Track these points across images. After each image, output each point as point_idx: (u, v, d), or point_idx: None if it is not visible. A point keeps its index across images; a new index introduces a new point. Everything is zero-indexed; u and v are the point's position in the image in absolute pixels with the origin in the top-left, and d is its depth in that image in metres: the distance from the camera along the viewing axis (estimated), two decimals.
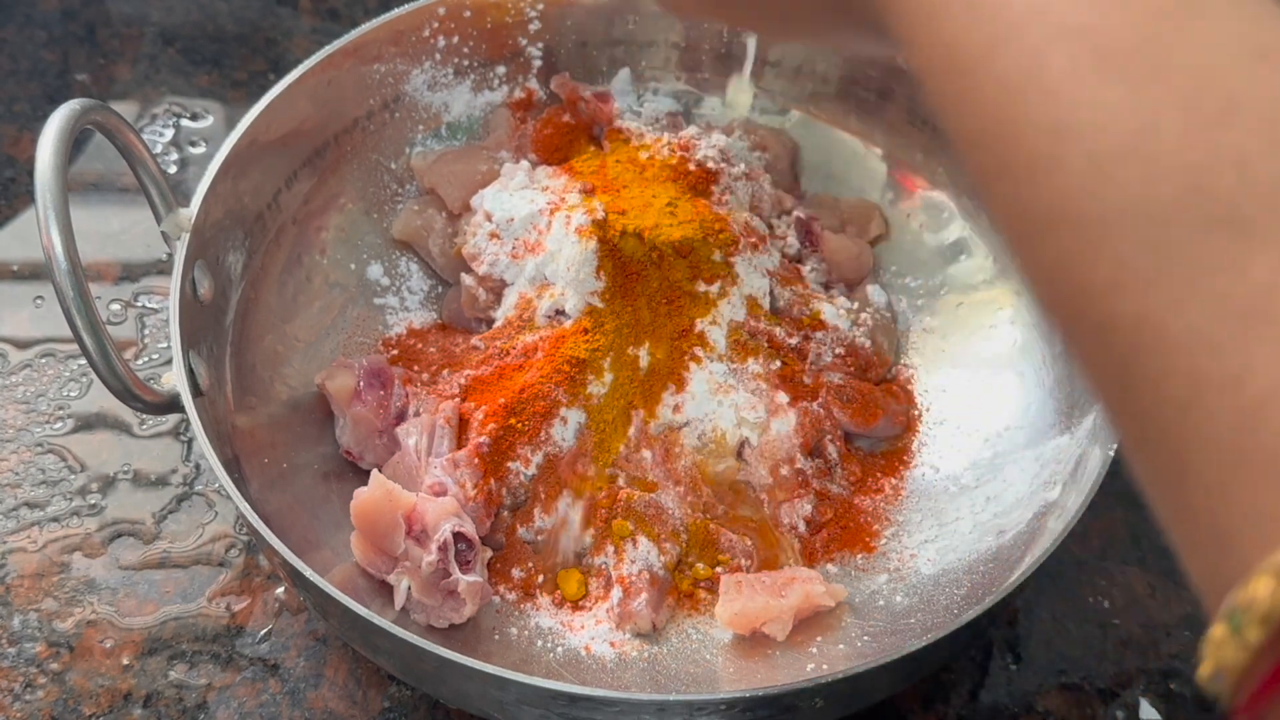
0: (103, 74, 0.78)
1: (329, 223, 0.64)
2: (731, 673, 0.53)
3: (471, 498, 0.54)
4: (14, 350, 0.65)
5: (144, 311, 0.67)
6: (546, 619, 0.54)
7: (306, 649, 0.56)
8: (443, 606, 0.52)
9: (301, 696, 0.54)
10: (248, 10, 0.82)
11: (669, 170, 0.61)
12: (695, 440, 0.58)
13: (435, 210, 0.65)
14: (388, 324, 0.64)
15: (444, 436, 0.55)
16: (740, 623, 0.53)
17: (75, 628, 0.56)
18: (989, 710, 0.56)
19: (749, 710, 0.44)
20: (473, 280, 0.62)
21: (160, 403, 0.50)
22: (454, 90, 0.67)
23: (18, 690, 0.54)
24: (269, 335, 0.60)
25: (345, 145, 0.65)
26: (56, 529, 0.59)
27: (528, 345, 0.57)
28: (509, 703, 0.46)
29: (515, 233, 0.61)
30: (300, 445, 0.58)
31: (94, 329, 0.46)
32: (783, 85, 0.70)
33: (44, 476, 0.61)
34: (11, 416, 0.63)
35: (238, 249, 0.58)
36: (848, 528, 0.58)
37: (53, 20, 0.80)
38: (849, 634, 0.54)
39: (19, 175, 0.72)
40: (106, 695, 0.54)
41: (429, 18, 0.65)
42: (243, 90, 0.77)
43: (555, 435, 0.56)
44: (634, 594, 0.54)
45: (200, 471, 0.61)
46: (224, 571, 0.58)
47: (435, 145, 0.67)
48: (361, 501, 0.52)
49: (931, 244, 0.67)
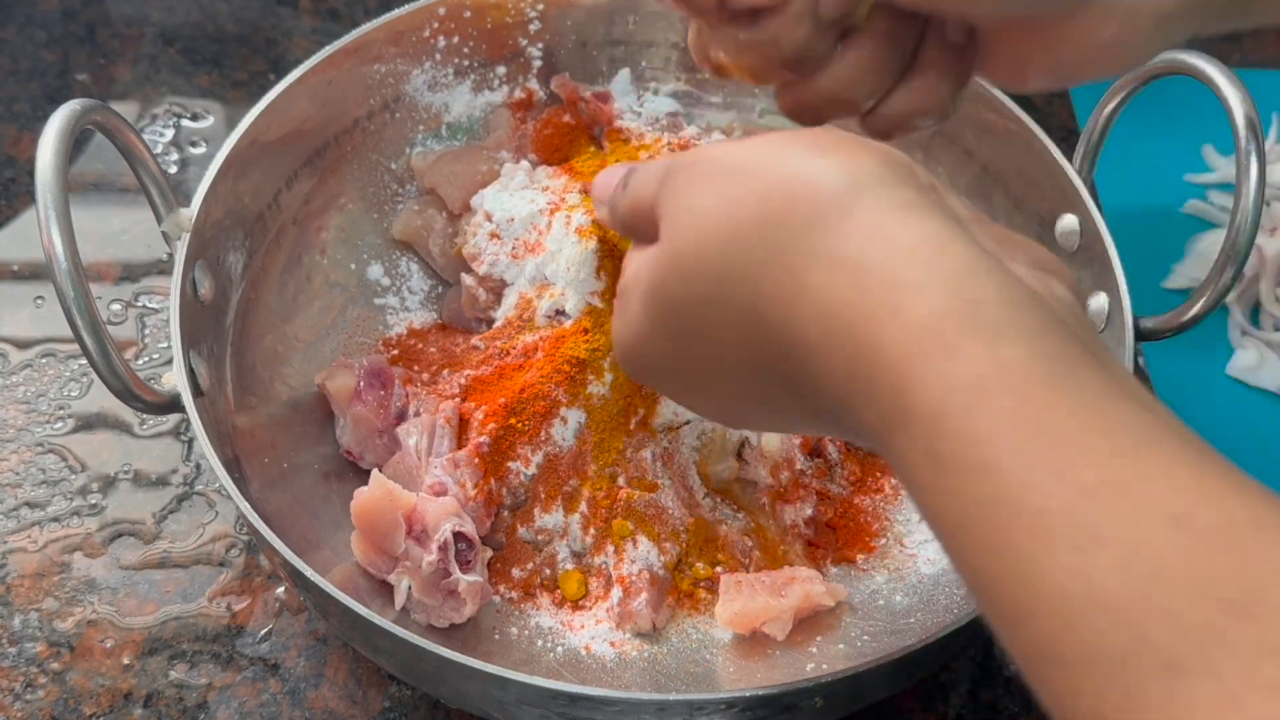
0: (103, 74, 0.78)
1: (329, 223, 0.64)
2: (731, 672, 0.53)
3: (472, 498, 0.54)
4: (14, 350, 0.65)
5: (144, 311, 0.67)
6: (546, 619, 0.54)
7: (307, 649, 0.56)
8: (443, 606, 0.52)
9: (302, 696, 0.55)
10: (248, 10, 0.82)
11: None
12: (695, 440, 0.58)
13: (435, 210, 0.65)
14: (388, 324, 0.64)
15: (444, 436, 0.56)
16: (740, 622, 0.53)
17: (75, 627, 0.56)
18: (989, 710, 0.56)
19: (749, 710, 0.44)
20: (473, 280, 0.62)
21: (160, 403, 0.50)
22: (454, 90, 0.67)
23: (18, 690, 0.54)
24: (269, 335, 0.60)
25: (345, 145, 0.65)
26: (57, 529, 0.59)
27: (528, 345, 0.57)
28: (509, 702, 0.46)
29: (515, 233, 0.61)
30: (300, 445, 0.58)
31: (94, 329, 0.46)
32: None
33: (44, 476, 0.61)
34: (12, 416, 0.63)
35: (238, 249, 0.58)
36: (848, 528, 0.58)
37: (53, 20, 0.80)
38: (849, 634, 0.54)
39: (19, 175, 0.72)
40: (107, 695, 0.54)
41: (429, 18, 0.65)
42: (243, 90, 0.77)
43: (555, 435, 0.56)
44: (634, 594, 0.54)
45: (200, 471, 0.61)
46: (224, 571, 0.58)
47: (435, 145, 0.67)
48: (362, 501, 0.52)
49: None
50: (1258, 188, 0.53)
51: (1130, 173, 0.77)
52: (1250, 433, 0.67)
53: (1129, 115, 0.60)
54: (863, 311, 0.31)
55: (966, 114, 0.65)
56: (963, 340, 0.29)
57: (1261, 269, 0.71)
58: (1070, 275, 0.35)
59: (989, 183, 0.65)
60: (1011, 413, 0.27)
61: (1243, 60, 0.86)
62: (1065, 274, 0.35)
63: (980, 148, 0.65)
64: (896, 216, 0.32)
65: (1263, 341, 0.70)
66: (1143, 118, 0.72)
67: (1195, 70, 0.54)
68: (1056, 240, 0.61)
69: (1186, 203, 0.76)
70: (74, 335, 0.46)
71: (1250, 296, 0.71)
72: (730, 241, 0.34)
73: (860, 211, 0.32)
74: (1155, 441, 0.27)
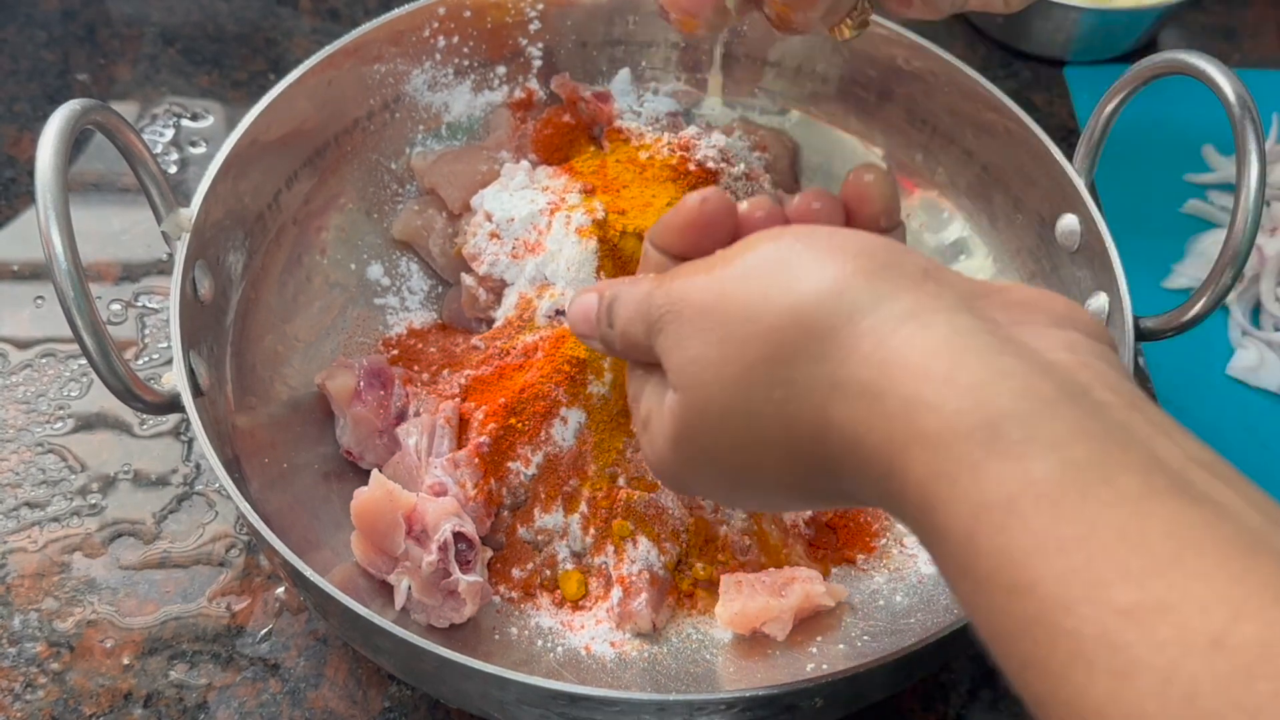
0: (103, 74, 0.78)
1: (329, 223, 0.64)
2: (731, 673, 0.53)
3: (472, 498, 0.54)
4: (14, 350, 0.65)
5: (144, 311, 0.67)
6: (546, 619, 0.54)
7: (307, 649, 0.56)
8: (443, 606, 0.52)
9: (302, 696, 0.55)
10: (248, 10, 0.82)
11: (669, 170, 0.61)
12: None
13: (435, 210, 0.65)
14: (388, 324, 0.64)
15: (444, 436, 0.56)
16: (740, 623, 0.53)
17: (75, 628, 0.56)
18: (989, 710, 0.56)
19: (749, 710, 0.44)
20: (473, 280, 0.62)
21: (160, 403, 0.50)
22: (454, 90, 0.67)
23: (18, 690, 0.54)
24: (269, 335, 0.60)
25: (345, 145, 0.65)
26: (57, 529, 0.59)
27: (528, 345, 0.57)
28: (509, 702, 0.46)
29: (515, 233, 0.61)
30: (300, 445, 0.58)
31: (94, 329, 0.46)
32: (783, 85, 0.70)
33: (44, 476, 0.61)
34: (12, 416, 0.63)
35: (238, 249, 0.58)
36: (848, 528, 0.58)
37: (53, 20, 0.80)
38: (849, 634, 0.54)
39: (19, 175, 0.72)
40: (107, 695, 0.54)
41: (429, 18, 0.65)
42: (243, 90, 0.77)
43: (555, 435, 0.56)
44: (634, 594, 0.54)
45: (200, 471, 0.61)
46: (224, 571, 0.58)
47: (435, 145, 0.67)
48: (362, 501, 0.52)
49: (931, 244, 0.67)
50: (1258, 188, 0.53)
51: (1130, 173, 0.77)
52: (1250, 433, 0.67)
53: (1129, 115, 0.60)
54: (886, 437, 0.30)
55: (966, 114, 0.65)
56: (988, 459, 0.28)
57: (1262, 269, 0.71)
58: (1090, 321, 0.34)
59: (989, 183, 0.65)
60: (1044, 532, 0.27)
61: (1243, 60, 0.86)
62: (1085, 321, 0.34)
63: (980, 148, 0.65)
64: (903, 336, 0.31)
65: (1263, 341, 0.70)
66: (1143, 118, 0.72)
67: (1195, 70, 0.54)
68: (1057, 240, 0.61)
69: (1186, 203, 0.76)
70: (74, 335, 0.46)
71: (1250, 296, 0.71)
72: (746, 387, 0.34)
73: (865, 338, 0.32)
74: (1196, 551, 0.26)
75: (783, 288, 0.34)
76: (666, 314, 0.37)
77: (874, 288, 0.32)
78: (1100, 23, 0.81)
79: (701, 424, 0.36)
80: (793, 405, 0.33)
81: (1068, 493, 0.27)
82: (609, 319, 0.40)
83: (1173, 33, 0.87)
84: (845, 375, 0.32)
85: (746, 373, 0.34)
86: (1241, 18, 0.89)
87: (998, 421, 0.28)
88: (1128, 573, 0.26)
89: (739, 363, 0.34)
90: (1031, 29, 0.82)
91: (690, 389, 0.36)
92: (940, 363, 0.30)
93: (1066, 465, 0.27)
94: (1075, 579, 0.26)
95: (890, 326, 0.31)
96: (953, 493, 0.29)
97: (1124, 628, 0.25)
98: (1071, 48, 0.83)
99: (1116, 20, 0.81)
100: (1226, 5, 0.90)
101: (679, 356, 0.36)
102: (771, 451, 0.35)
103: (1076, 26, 0.81)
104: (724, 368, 0.35)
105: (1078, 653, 0.26)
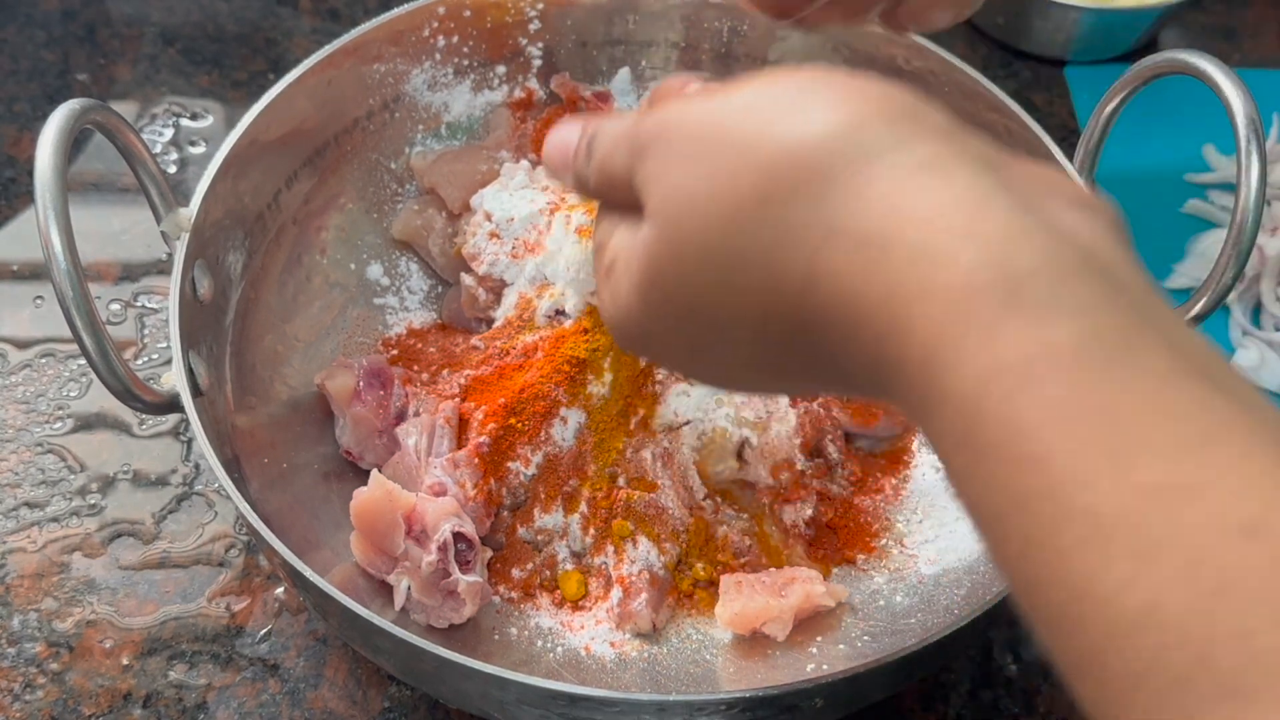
0: (103, 74, 0.78)
1: (329, 223, 0.64)
2: (731, 673, 0.53)
3: (471, 498, 0.54)
4: (14, 350, 0.65)
5: (144, 311, 0.67)
6: (546, 619, 0.54)
7: (306, 649, 0.56)
8: (443, 606, 0.52)
9: (301, 696, 0.54)
10: (248, 10, 0.82)
11: None
12: (695, 440, 0.58)
13: (435, 210, 0.65)
14: (388, 324, 0.64)
15: (444, 436, 0.55)
16: (740, 623, 0.53)
17: (75, 628, 0.56)
18: (989, 710, 0.56)
19: (749, 710, 0.44)
20: (473, 280, 0.62)
21: (160, 403, 0.50)
22: (454, 90, 0.67)
23: (18, 690, 0.54)
24: (269, 335, 0.60)
25: (345, 145, 0.65)
26: (56, 529, 0.59)
27: (528, 345, 0.57)
28: (509, 703, 0.46)
29: (515, 232, 0.61)
30: (300, 445, 0.58)
31: (94, 329, 0.46)
32: None
33: (44, 476, 0.61)
34: (11, 416, 0.63)
35: (238, 249, 0.58)
36: (848, 528, 0.58)
37: (53, 20, 0.80)
38: (849, 634, 0.54)
39: (19, 175, 0.72)
40: (106, 695, 0.54)
41: (429, 18, 0.65)
42: (243, 90, 0.77)
43: (555, 435, 0.56)
44: (634, 594, 0.54)
45: (200, 471, 0.61)
46: (224, 571, 0.58)
47: (435, 145, 0.67)
48: (361, 501, 0.52)
49: None
50: (1258, 187, 0.52)
51: (1130, 173, 0.76)
52: None
53: (1129, 115, 0.60)
54: (888, 291, 0.27)
55: (967, 114, 0.65)
56: (1005, 318, 0.25)
57: (1262, 268, 0.70)
58: (1112, 213, 0.31)
59: None
60: (1062, 401, 0.24)
61: (1243, 60, 0.86)
62: (1107, 212, 0.31)
63: None
64: (919, 181, 0.28)
65: (1263, 341, 0.70)
66: (1143, 118, 0.72)
67: (1195, 70, 0.54)
68: None
69: (1187, 203, 0.76)
70: (73, 335, 0.46)
71: (1251, 296, 0.71)
72: (732, 225, 0.31)
73: (878, 180, 0.28)
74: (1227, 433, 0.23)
75: (789, 121, 0.30)
76: (655, 140, 0.33)
77: (894, 131, 0.29)
78: (1100, 23, 0.81)
79: (676, 267, 0.32)
80: (781, 252, 0.30)
81: (1091, 361, 0.25)
82: (589, 149, 0.37)
83: (1173, 33, 0.87)
84: (846, 221, 0.29)
85: (734, 210, 0.31)
86: (1241, 18, 0.89)
87: (1020, 279, 0.26)
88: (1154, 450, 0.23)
89: (727, 198, 0.31)
90: (1031, 29, 0.82)
91: (669, 224, 0.32)
92: (959, 215, 0.27)
93: (1089, 333, 0.25)
94: (1094, 454, 0.24)
95: (906, 172, 0.28)
96: (961, 354, 0.26)
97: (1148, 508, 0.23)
98: (1072, 47, 0.83)
99: (1116, 20, 0.81)
100: (1226, 5, 0.90)
101: (660, 186, 0.33)
102: (749, 307, 0.32)
103: (1076, 26, 0.81)
104: (710, 203, 0.31)
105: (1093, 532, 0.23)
